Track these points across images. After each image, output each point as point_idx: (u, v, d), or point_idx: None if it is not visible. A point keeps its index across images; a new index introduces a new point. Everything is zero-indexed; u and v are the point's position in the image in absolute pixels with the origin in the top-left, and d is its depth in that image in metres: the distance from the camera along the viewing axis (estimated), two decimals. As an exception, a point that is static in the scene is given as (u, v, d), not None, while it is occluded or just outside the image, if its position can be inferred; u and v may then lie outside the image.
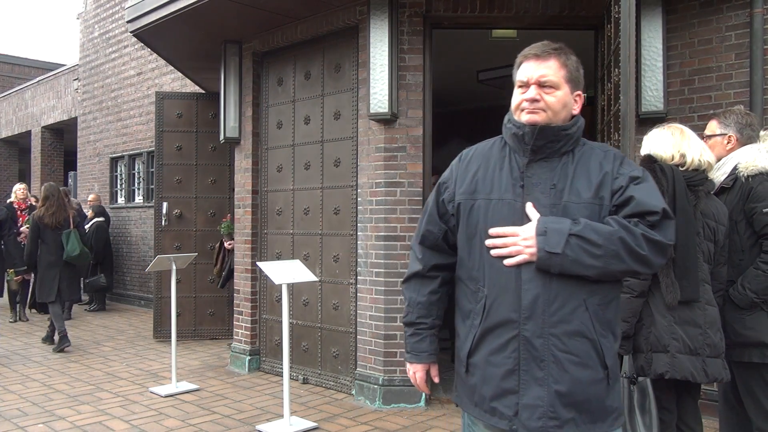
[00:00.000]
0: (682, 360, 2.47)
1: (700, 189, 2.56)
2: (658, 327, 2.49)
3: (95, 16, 11.33)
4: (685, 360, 2.47)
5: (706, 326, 2.50)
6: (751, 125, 2.92)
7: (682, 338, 2.48)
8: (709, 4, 4.24)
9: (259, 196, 5.76)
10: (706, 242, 2.57)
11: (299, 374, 5.24)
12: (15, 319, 8.53)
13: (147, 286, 9.59)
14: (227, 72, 5.82)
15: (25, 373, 5.66)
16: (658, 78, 4.24)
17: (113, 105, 10.76)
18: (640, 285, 2.50)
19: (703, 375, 2.47)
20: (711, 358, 2.49)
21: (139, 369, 5.79)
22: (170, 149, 7.09)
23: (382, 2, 4.49)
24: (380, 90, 4.51)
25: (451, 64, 6.58)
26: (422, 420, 4.25)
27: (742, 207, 2.74)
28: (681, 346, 2.48)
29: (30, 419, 4.33)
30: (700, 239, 2.55)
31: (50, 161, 13.72)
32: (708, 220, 2.56)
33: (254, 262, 5.66)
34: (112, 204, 10.69)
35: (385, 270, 4.57)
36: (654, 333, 2.50)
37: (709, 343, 2.50)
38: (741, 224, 2.75)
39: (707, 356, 2.48)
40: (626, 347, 2.54)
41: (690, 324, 2.49)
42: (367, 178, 4.71)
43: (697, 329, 2.49)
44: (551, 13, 4.56)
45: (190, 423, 4.25)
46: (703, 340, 2.49)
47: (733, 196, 2.78)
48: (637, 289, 2.50)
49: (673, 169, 2.52)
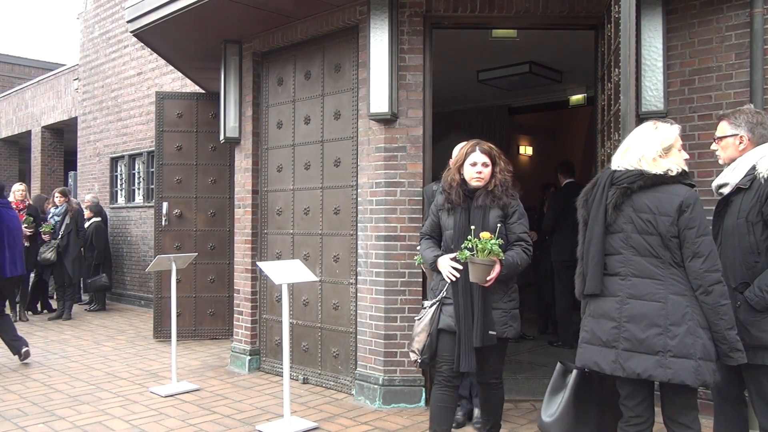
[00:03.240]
0: (586, 349, 2.64)
1: (624, 186, 2.59)
2: (581, 321, 2.73)
3: (95, 16, 11.33)
4: (592, 350, 2.61)
5: (623, 320, 2.52)
6: (763, 123, 2.89)
7: (593, 330, 2.62)
8: (709, 4, 4.24)
9: (259, 196, 5.76)
10: (640, 236, 2.55)
11: (299, 374, 5.24)
12: (15, 319, 8.52)
13: (147, 286, 9.59)
14: (227, 72, 5.82)
15: (25, 373, 5.66)
16: (658, 78, 4.24)
17: (113, 105, 10.76)
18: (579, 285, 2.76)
19: (618, 368, 2.52)
20: (630, 352, 2.49)
21: (139, 369, 5.80)
22: (170, 149, 7.09)
23: (382, 2, 4.49)
24: (380, 90, 4.51)
25: (451, 64, 6.58)
26: (422, 420, 4.24)
27: (760, 209, 2.71)
28: (590, 336, 2.63)
29: (30, 419, 4.33)
30: (627, 234, 2.57)
31: (50, 161, 13.73)
32: (641, 214, 2.55)
33: (254, 262, 5.66)
34: (112, 204, 10.70)
35: (385, 270, 4.57)
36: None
37: (627, 337, 2.50)
38: (758, 226, 2.72)
39: (624, 349, 2.51)
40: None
41: (603, 317, 2.60)
42: (367, 178, 4.71)
43: (611, 322, 2.56)
44: (551, 13, 4.56)
45: (190, 423, 4.25)
46: (618, 333, 2.53)
47: (750, 197, 2.76)
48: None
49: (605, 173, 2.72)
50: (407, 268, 4.57)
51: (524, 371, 5.43)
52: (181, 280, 6.64)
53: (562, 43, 6.06)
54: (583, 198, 2.74)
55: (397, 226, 4.59)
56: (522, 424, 4.18)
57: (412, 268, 4.57)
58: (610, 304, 2.58)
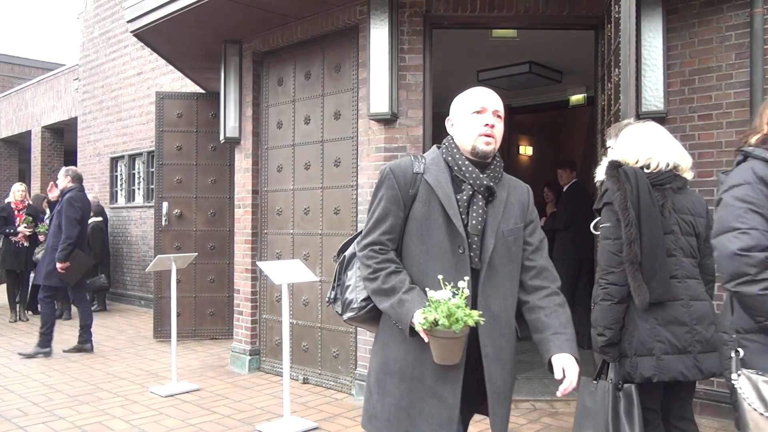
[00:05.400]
0: (669, 361, 2.45)
1: (667, 187, 2.55)
2: (641, 331, 2.47)
3: (95, 16, 11.33)
4: (673, 360, 2.45)
5: (694, 323, 2.49)
6: None
7: (668, 339, 2.46)
8: (709, 4, 4.24)
9: (259, 196, 5.76)
10: (685, 237, 2.55)
11: (299, 374, 5.24)
12: (15, 319, 8.53)
13: (147, 286, 9.59)
14: (227, 72, 5.82)
15: (25, 373, 5.66)
16: (658, 78, 4.24)
17: (113, 105, 10.76)
18: (619, 291, 2.47)
19: (697, 372, 2.46)
20: (704, 353, 2.49)
21: (139, 369, 5.80)
22: (170, 149, 7.09)
23: (382, 2, 4.49)
24: (380, 90, 4.51)
25: (451, 64, 6.58)
26: (422, 420, 4.24)
27: None
28: (667, 347, 2.45)
29: (30, 419, 4.33)
30: (677, 236, 2.54)
31: (50, 161, 13.72)
32: (683, 215, 2.55)
33: (254, 262, 5.66)
34: (112, 204, 10.70)
35: (385, 270, 4.56)
36: (637, 337, 2.47)
37: (699, 339, 2.49)
38: None
39: (699, 352, 2.48)
40: (612, 354, 2.50)
41: (675, 323, 2.47)
42: (367, 178, 4.71)
43: (683, 327, 2.47)
44: (551, 13, 4.56)
45: (190, 423, 4.25)
46: (691, 337, 2.48)
47: None
48: (617, 295, 2.48)
49: (636, 172, 2.52)
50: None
51: (524, 371, 5.43)
52: (181, 280, 6.64)
53: (562, 43, 6.06)
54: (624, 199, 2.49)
55: (397, 226, 4.58)
56: (522, 424, 4.18)
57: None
58: (677, 308, 2.50)
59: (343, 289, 2.14)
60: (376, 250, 1.99)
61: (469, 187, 1.99)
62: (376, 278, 1.97)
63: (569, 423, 4.20)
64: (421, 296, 1.89)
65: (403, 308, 1.89)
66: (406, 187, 2.00)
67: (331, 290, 2.17)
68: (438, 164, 2.05)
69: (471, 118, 2.03)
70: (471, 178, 2.00)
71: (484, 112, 2.03)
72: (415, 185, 2.00)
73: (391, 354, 2.01)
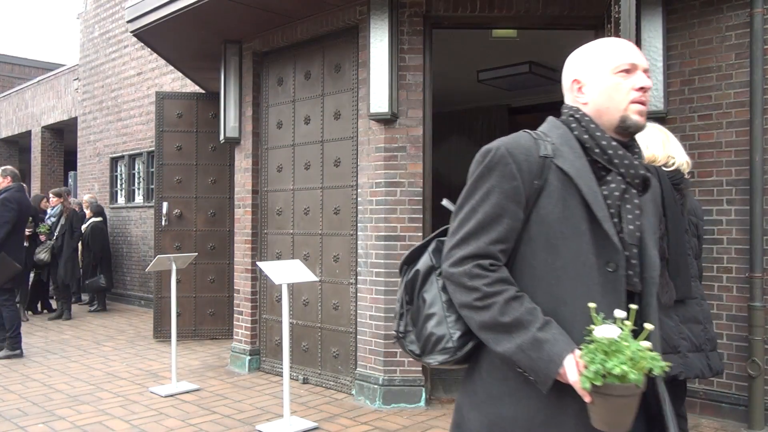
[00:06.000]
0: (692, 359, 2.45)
1: (682, 187, 2.56)
2: (666, 328, 2.45)
3: (95, 16, 11.33)
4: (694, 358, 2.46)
5: (705, 321, 2.51)
6: None
7: (689, 337, 2.46)
8: (709, 4, 4.24)
9: (259, 196, 5.76)
10: (692, 238, 2.58)
11: (299, 374, 5.24)
12: (15, 319, 8.52)
13: (147, 286, 9.59)
14: (227, 72, 5.82)
15: (25, 373, 5.66)
16: (659, 78, 4.24)
17: (113, 105, 10.76)
18: None
19: (708, 370, 2.47)
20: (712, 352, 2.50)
21: (139, 369, 5.79)
22: (170, 149, 7.09)
23: (382, 2, 4.49)
24: (380, 90, 4.51)
25: (451, 64, 6.58)
26: (422, 420, 4.25)
27: None
28: (689, 344, 2.46)
29: (30, 419, 4.32)
30: (689, 236, 2.56)
31: (50, 161, 13.72)
32: (691, 217, 2.58)
33: (254, 262, 5.66)
34: (112, 204, 10.69)
35: (386, 270, 4.57)
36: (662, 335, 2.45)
37: (709, 337, 2.51)
38: None
39: (709, 351, 2.50)
40: None
41: (693, 321, 2.49)
42: (367, 178, 4.71)
43: (699, 326, 2.49)
44: (551, 13, 4.56)
45: (190, 423, 4.25)
46: (704, 335, 2.50)
47: None
48: None
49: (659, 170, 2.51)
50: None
51: (524, 371, 5.44)
52: (181, 280, 6.64)
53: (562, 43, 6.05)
54: None
55: (397, 226, 4.58)
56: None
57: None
58: (694, 307, 2.51)
59: (420, 319, 1.50)
60: (484, 266, 1.40)
61: (620, 179, 1.44)
62: (487, 307, 1.38)
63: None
64: (564, 334, 1.34)
65: (542, 352, 1.32)
66: (530, 176, 1.42)
67: (398, 320, 1.55)
68: (571, 145, 1.46)
69: (615, 80, 1.47)
70: (623, 165, 1.44)
71: (634, 71, 1.47)
72: (542, 174, 1.42)
73: (507, 412, 1.42)
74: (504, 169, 1.42)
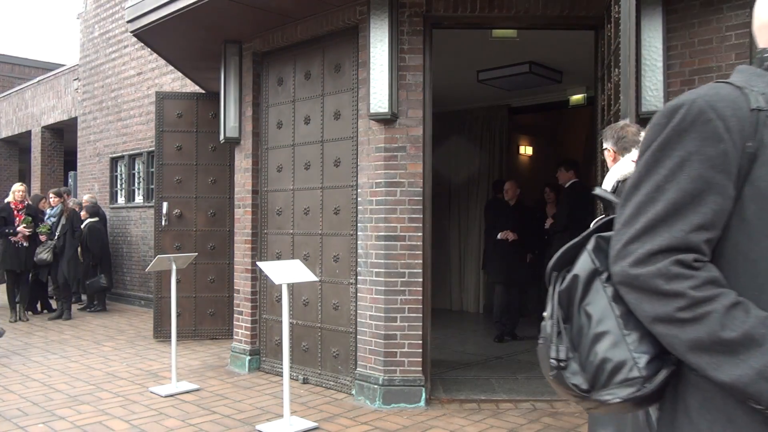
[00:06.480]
0: None
1: None
2: None
3: (95, 16, 11.33)
4: None
5: None
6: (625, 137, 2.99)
7: None
8: (709, 4, 4.24)
9: (259, 196, 5.76)
10: None
11: (299, 374, 5.24)
12: (15, 319, 8.53)
13: (147, 286, 9.59)
14: (227, 72, 5.82)
15: (25, 373, 5.66)
16: (658, 78, 4.24)
17: (113, 105, 10.76)
18: None
19: None
20: None
21: (139, 369, 5.79)
22: (170, 149, 7.09)
23: (382, 2, 4.49)
24: (380, 90, 4.51)
25: (451, 64, 6.58)
26: (422, 420, 4.25)
27: None
28: None
29: (30, 419, 4.32)
30: None
31: (50, 161, 13.72)
32: None
33: (254, 262, 5.66)
34: (112, 204, 10.70)
35: (386, 270, 4.57)
36: None
37: None
38: None
39: None
40: None
41: None
42: (367, 178, 4.71)
43: None
44: (551, 13, 4.56)
45: (190, 423, 4.25)
46: None
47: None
48: None
49: None
50: (407, 268, 4.57)
51: (524, 371, 5.43)
52: (181, 280, 6.64)
53: (562, 43, 6.06)
54: None
55: (397, 226, 4.58)
56: (522, 424, 4.18)
57: (412, 268, 4.57)
58: None
59: (584, 341, 1.13)
60: (686, 263, 1.02)
61: None
62: (699, 318, 1.00)
63: (569, 423, 4.20)
64: None
65: None
66: (741, 137, 1.04)
67: (556, 343, 1.15)
68: None
69: None
70: None
71: None
72: (756, 134, 1.04)
73: None
74: (705, 128, 1.03)
